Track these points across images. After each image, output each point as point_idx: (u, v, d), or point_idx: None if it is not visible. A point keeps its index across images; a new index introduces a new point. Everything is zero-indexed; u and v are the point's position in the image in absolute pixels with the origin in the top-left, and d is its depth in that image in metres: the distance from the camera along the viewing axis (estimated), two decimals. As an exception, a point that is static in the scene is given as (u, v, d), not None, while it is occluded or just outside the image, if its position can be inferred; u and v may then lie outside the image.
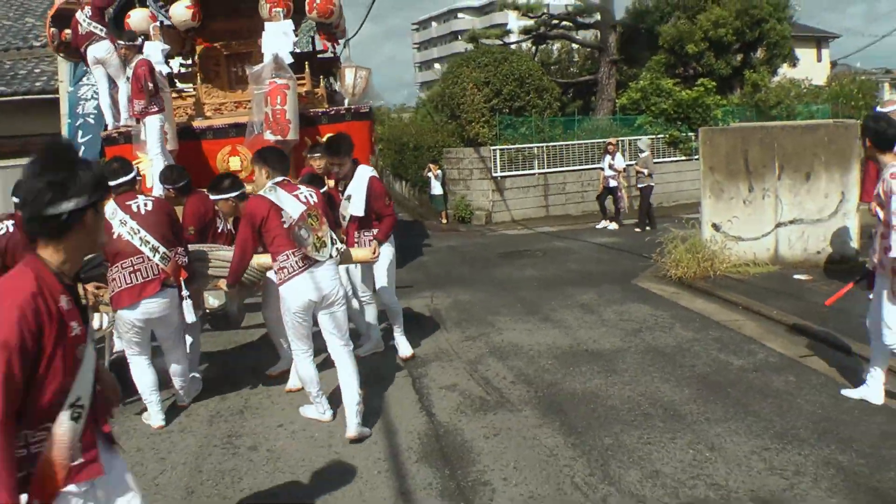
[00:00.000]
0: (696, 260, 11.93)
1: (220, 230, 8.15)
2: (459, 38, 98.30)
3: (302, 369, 6.79)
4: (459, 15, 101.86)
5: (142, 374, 7.08)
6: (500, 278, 13.27)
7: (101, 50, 10.46)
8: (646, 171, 19.80)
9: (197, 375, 7.94)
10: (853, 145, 12.04)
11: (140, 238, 6.80)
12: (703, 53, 28.55)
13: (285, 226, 6.44)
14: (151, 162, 9.67)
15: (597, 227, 20.25)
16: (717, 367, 7.77)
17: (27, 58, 19.68)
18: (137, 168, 9.11)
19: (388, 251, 8.46)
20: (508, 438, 6.20)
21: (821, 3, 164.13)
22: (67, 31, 11.17)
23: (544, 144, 23.82)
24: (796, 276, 11.28)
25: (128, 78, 9.69)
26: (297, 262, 6.42)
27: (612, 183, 20.34)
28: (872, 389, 6.64)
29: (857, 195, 11.92)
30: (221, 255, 7.53)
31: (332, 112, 10.37)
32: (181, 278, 7.10)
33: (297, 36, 10.36)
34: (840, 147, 12.14)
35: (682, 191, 24.74)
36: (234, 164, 10.38)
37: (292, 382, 7.78)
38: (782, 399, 6.75)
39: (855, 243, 12.00)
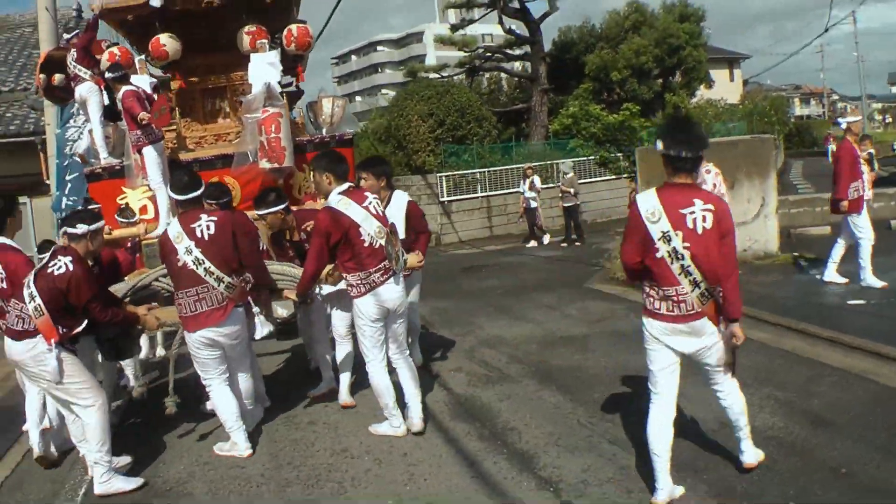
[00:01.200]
0: (640, 262, 13.67)
1: (262, 248, 8.27)
2: (379, 70, 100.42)
3: (375, 379, 7.00)
4: (379, 48, 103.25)
5: (221, 399, 7.15)
6: (467, 289, 14.93)
7: (83, 89, 10.60)
8: (572, 191, 21.79)
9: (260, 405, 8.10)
10: (770, 156, 13.98)
11: (205, 269, 6.81)
12: (627, 80, 30.73)
13: (365, 244, 6.74)
14: (153, 192, 9.71)
15: (526, 246, 22.09)
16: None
17: None
18: (126, 203, 9.94)
19: (419, 272, 8.84)
20: (518, 400, 7.78)
21: (730, 24, 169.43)
22: (56, 75, 11.46)
23: (486, 170, 25.84)
24: (726, 271, 13.09)
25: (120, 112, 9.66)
26: (379, 276, 6.76)
27: (533, 204, 22.35)
28: None
29: (775, 199, 13.86)
30: (279, 269, 7.71)
31: (317, 140, 10.40)
32: (249, 298, 7.26)
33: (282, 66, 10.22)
34: (758, 159, 14.05)
35: (614, 207, 26.68)
36: (220, 194, 10.99)
37: (344, 398, 8.14)
38: (728, 359, 8.46)
39: (775, 240, 13.89)
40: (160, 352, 11.07)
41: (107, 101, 10.55)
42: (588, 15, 38.77)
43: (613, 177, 26.89)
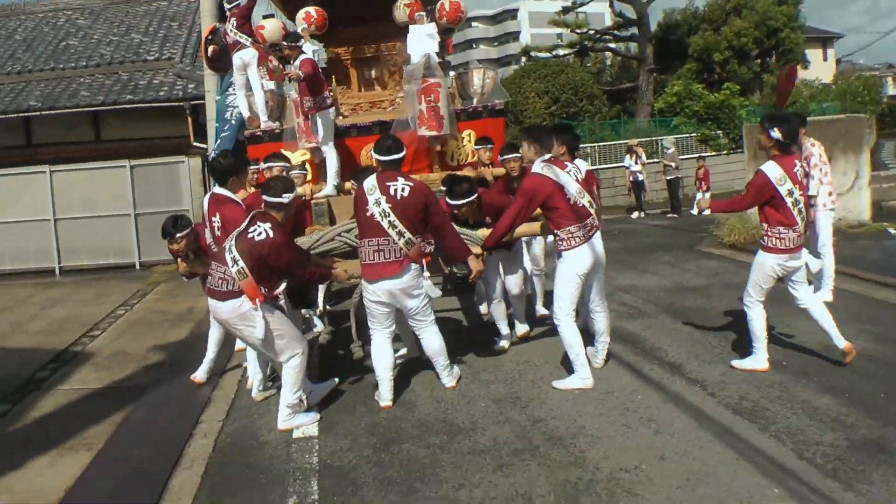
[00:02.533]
0: (745, 228, 15.53)
1: None
2: (474, 45, 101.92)
3: (566, 333, 7.66)
4: (473, 24, 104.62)
5: (379, 350, 7.61)
6: (591, 249, 16.92)
7: (246, 55, 10.94)
8: (673, 165, 23.63)
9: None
10: (864, 134, 15.76)
11: (389, 221, 7.14)
12: (728, 60, 32.32)
13: (570, 202, 7.36)
14: (322, 154, 10.12)
15: (631, 216, 24.03)
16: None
17: (142, 70, 22.20)
18: (305, 163, 10.42)
19: None
20: (658, 330, 9.74)
21: (824, 1, 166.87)
22: (211, 46, 12.20)
23: (596, 144, 27.70)
24: (826, 237, 14.89)
25: (290, 79, 9.95)
26: (584, 233, 7.41)
27: (640, 177, 24.26)
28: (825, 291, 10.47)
29: (868, 174, 15.61)
30: (461, 230, 7.93)
31: (470, 109, 10.66)
32: (424, 261, 7.50)
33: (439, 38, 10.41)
34: (854, 136, 15.80)
35: (714, 182, 28.17)
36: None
37: (521, 329, 9.46)
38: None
39: (867, 211, 15.65)
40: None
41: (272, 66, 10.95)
42: (692, -3, 40.67)
43: (713, 153, 28.52)
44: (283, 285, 7.21)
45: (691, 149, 28.53)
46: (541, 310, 10.40)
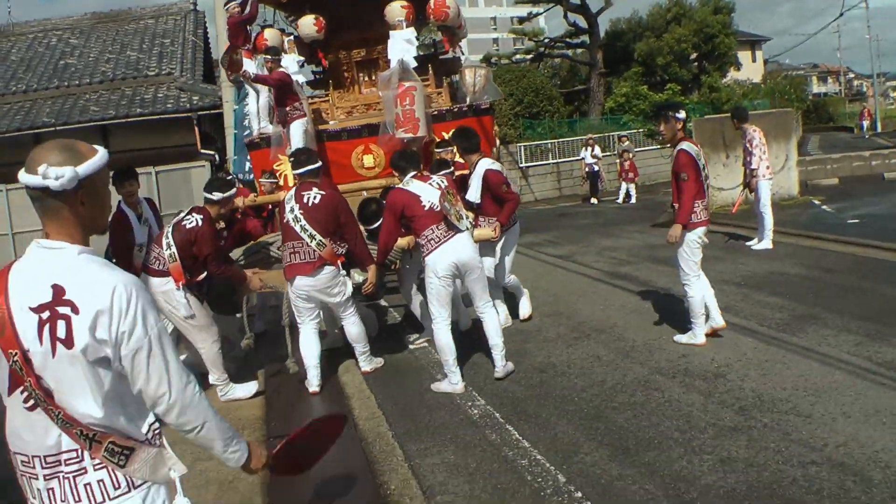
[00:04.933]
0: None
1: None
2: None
3: (440, 337, 7.57)
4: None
5: (306, 342, 8.09)
6: (569, 225, 20.12)
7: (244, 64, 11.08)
8: (631, 155, 26.72)
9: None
10: (792, 125, 19.13)
11: (301, 226, 7.66)
12: (669, 64, 35.88)
13: (426, 208, 7.38)
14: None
15: (590, 202, 27.05)
16: (728, 245, 14.61)
17: (144, 85, 22.86)
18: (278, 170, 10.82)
19: (513, 238, 9.79)
20: (646, 271, 12.86)
21: (753, 5, 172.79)
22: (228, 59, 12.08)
23: (556, 140, 31.03)
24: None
25: (270, 89, 10.31)
26: (441, 233, 7.35)
27: (596, 168, 27.11)
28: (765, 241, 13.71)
29: (796, 157, 18.94)
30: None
31: (456, 109, 10.71)
32: (339, 261, 7.88)
33: (419, 41, 10.54)
34: (783, 126, 19.13)
35: (659, 172, 31.45)
36: (368, 160, 10.57)
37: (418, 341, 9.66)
38: (760, 253, 13.54)
39: (796, 187, 19.03)
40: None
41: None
42: (636, 8, 44.46)
43: (659, 146, 31.80)
44: (204, 275, 7.87)
45: (639, 143, 31.82)
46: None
